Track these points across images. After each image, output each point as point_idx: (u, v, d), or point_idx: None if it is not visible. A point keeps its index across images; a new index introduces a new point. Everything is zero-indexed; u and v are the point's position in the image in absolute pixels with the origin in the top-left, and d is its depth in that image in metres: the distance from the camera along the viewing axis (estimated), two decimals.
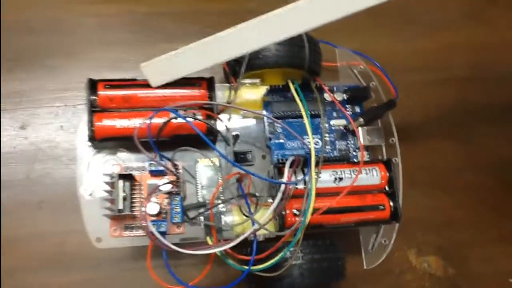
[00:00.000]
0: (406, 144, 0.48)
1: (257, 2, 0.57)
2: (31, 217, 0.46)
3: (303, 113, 0.40)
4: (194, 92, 0.40)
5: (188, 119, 0.38)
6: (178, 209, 0.37)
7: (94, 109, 0.40)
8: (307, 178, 0.38)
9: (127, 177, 0.38)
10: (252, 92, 0.44)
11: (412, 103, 0.54)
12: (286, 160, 0.39)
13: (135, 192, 0.40)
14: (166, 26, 0.54)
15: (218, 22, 0.54)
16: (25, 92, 0.49)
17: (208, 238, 0.39)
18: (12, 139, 0.48)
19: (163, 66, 0.36)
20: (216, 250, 0.36)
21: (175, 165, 0.38)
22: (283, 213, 0.38)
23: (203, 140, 0.37)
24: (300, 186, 0.39)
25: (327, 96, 0.44)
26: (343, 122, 0.44)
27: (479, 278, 0.51)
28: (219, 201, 0.40)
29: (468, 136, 0.56)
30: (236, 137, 0.43)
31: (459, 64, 0.58)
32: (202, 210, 0.38)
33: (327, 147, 0.43)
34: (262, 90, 0.44)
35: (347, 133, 0.44)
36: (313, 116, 0.43)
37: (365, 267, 0.46)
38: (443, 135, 0.55)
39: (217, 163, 0.41)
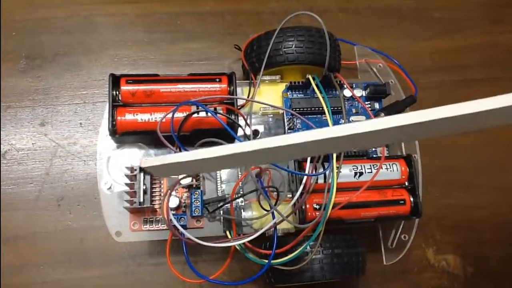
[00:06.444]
0: (425, 142, 0.48)
1: (278, 3, 0.56)
2: (50, 213, 0.46)
3: (325, 108, 0.40)
4: (215, 87, 0.41)
5: (212, 113, 0.38)
6: (198, 203, 0.37)
7: (116, 104, 0.40)
8: (327, 172, 0.38)
9: (147, 170, 0.38)
10: (272, 88, 0.44)
11: (430, 102, 0.53)
12: None
13: (154, 186, 0.40)
14: (187, 26, 0.54)
15: (239, 23, 0.55)
16: (44, 90, 0.50)
17: (228, 233, 0.39)
18: (32, 136, 0.48)
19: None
20: (238, 242, 0.36)
21: None
22: (304, 207, 0.38)
23: (222, 135, 0.37)
24: (320, 180, 0.38)
25: (346, 92, 0.44)
26: (362, 118, 0.43)
27: (499, 277, 0.50)
28: (239, 195, 0.40)
29: (488, 136, 0.55)
30: (255, 132, 0.43)
31: (476, 64, 0.58)
32: (221, 204, 0.38)
33: None
34: (282, 87, 0.44)
35: None
36: (332, 113, 0.43)
37: (384, 263, 0.45)
38: (463, 135, 0.54)
39: None
